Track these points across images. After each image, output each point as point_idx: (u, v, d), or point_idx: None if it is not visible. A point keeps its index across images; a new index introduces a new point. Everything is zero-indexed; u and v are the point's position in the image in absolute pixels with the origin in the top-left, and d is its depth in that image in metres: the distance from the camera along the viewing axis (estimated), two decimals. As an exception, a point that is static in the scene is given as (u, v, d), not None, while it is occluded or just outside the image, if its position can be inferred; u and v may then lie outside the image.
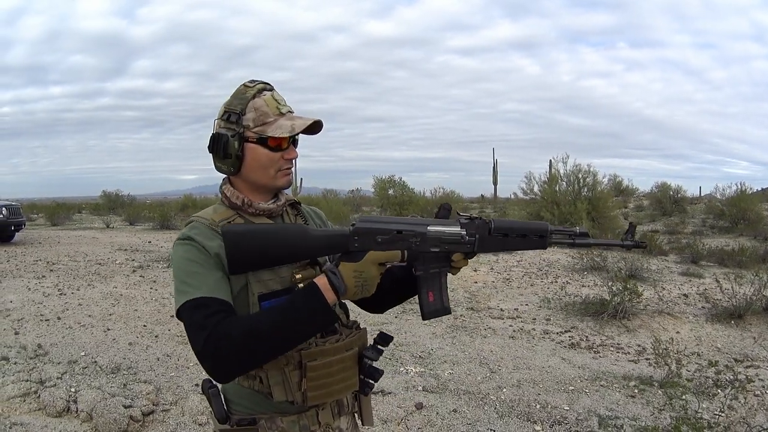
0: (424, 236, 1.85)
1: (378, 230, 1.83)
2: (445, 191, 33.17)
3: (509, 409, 5.72)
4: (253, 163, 1.91)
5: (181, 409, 5.48)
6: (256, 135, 1.88)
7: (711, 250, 15.44)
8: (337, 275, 1.75)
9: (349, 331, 2.04)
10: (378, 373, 2.04)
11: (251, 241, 1.79)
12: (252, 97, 1.89)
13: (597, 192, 20.02)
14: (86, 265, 12.31)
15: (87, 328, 7.80)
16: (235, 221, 1.92)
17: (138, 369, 6.37)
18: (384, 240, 1.82)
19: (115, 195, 38.58)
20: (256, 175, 1.93)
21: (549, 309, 9.80)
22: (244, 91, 1.91)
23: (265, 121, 1.88)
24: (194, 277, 1.77)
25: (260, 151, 1.89)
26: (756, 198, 27.33)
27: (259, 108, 1.88)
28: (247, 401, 1.92)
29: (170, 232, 20.41)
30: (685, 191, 34.00)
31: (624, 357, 7.53)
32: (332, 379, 1.90)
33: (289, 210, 2.12)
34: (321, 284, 1.74)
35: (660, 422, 5.14)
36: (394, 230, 1.83)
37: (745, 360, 7.17)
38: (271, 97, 1.91)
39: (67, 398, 5.42)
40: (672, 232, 23.52)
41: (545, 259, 14.45)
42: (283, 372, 1.84)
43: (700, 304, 9.83)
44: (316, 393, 1.86)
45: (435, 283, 1.94)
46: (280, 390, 1.85)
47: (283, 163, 1.93)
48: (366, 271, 1.77)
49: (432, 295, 1.94)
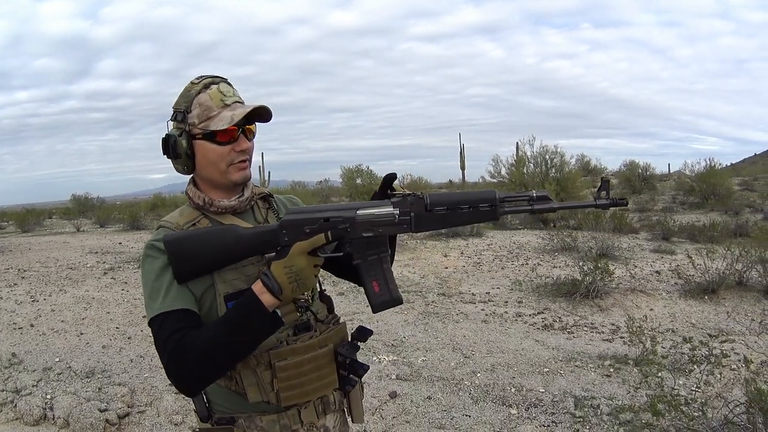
0: (353, 221, 1.77)
1: (305, 220, 1.77)
2: (413, 178, 33.12)
3: (484, 394, 5.69)
4: (203, 160, 1.89)
5: (156, 410, 5.45)
6: (202, 131, 1.85)
7: (682, 226, 15.53)
8: (269, 276, 1.70)
9: (326, 327, 1.99)
10: (362, 369, 1.97)
11: (189, 247, 1.78)
12: (197, 94, 1.86)
13: (565, 172, 20.08)
14: (57, 271, 12.12)
15: (60, 333, 7.68)
16: (200, 222, 1.91)
17: (112, 372, 6.29)
18: (312, 230, 1.75)
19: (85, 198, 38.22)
20: (209, 172, 1.91)
21: (521, 291, 9.73)
22: (190, 88, 1.89)
23: (209, 116, 1.84)
24: (155, 292, 1.77)
25: (208, 146, 1.87)
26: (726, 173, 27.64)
27: (203, 103, 1.85)
28: (225, 401, 1.90)
29: (140, 232, 20.22)
30: (653, 169, 34.31)
31: (598, 336, 7.51)
32: (306, 378, 1.86)
33: (260, 203, 2.09)
34: (257, 289, 1.71)
35: (636, 401, 5.13)
36: (321, 218, 1.77)
37: (720, 335, 7.17)
38: (216, 91, 1.87)
39: (43, 406, 5.39)
40: (642, 209, 23.70)
41: (515, 241, 14.44)
42: (255, 373, 1.82)
43: (673, 281, 9.84)
44: (289, 393, 1.84)
45: (378, 271, 1.83)
46: (254, 390, 1.83)
47: (235, 155, 1.89)
48: (295, 264, 1.70)
49: (377, 285, 1.83)
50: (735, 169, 41.05)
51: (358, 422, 2.14)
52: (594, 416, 5.11)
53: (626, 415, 4.89)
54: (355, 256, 1.81)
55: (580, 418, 5.09)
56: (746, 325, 7.59)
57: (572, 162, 21.20)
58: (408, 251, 13.12)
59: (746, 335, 7.11)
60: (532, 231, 16.73)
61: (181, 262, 1.76)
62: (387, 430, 5.05)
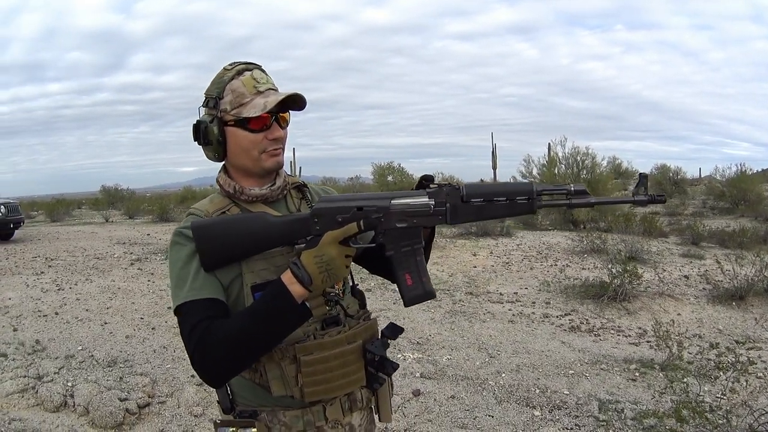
0: (387, 210, 1.73)
1: (337, 209, 1.73)
2: (445, 176, 32.99)
3: (508, 395, 5.69)
4: (235, 147, 1.86)
5: (176, 401, 5.48)
6: (234, 117, 1.82)
7: (711, 231, 15.36)
8: (299, 266, 1.66)
9: (355, 322, 1.93)
10: (391, 367, 1.92)
11: (217, 234, 1.75)
12: (230, 80, 1.83)
13: (596, 174, 19.94)
14: (84, 260, 12.27)
15: (84, 322, 7.76)
16: (230, 210, 1.88)
17: (134, 362, 6.34)
18: (344, 219, 1.71)
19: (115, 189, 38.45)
20: (241, 159, 1.88)
21: (548, 292, 9.74)
22: (223, 74, 1.85)
23: (242, 102, 1.81)
24: (182, 281, 1.74)
25: (240, 133, 1.83)
26: (756, 178, 27.15)
27: (236, 90, 1.82)
28: (249, 394, 1.87)
29: (169, 224, 20.38)
30: (684, 173, 33.83)
31: (625, 340, 7.50)
32: (332, 374, 1.80)
33: (293, 193, 2.04)
34: (286, 279, 1.67)
35: (661, 406, 5.11)
36: (354, 207, 1.73)
37: (747, 341, 7.10)
38: (249, 77, 1.83)
39: (64, 393, 5.42)
40: (672, 213, 23.45)
41: (545, 242, 14.38)
42: (281, 366, 1.78)
43: (701, 286, 9.77)
44: (313, 389, 1.78)
45: (410, 264, 1.78)
46: (278, 384, 1.78)
47: (267, 143, 1.85)
48: (326, 253, 1.65)
49: (410, 278, 1.77)
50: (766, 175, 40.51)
51: (385, 421, 2.08)
52: (618, 420, 5.10)
53: (650, 420, 4.88)
54: (388, 247, 1.76)
55: (604, 422, 5.08)
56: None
57: (603, 164, 21.04)
58: (437, 249, 13.10)
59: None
60: (562, 232, 16.65)
61: (207, 250, 1.74)
62: (409, 429, 5.05)
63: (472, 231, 15.50)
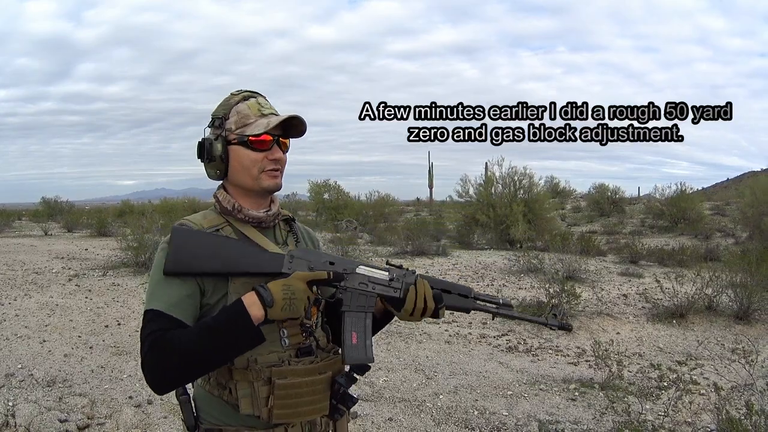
0: (353, 271, 1.93)
1: (311, 258, 1.91)
2: (381, 195, 33.16)
3: (446, 416, 5.54)
4: (236, 164, 1.96)
5: (115, 423, 5.28)
6: (237, 136, 1.93)
7: (650, 249, 15.56)
8: (265, 288, 1.76)
9: (326, 354, 2.02)
10: (351, 401, 2.01)
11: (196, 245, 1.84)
12: (236, 103, 1.96)
13: (533, 194, 20.02)
14: (24, 274, 12.06)
15: (23, 339, 7.58)
16: (223, 229, 1.96)
17: (73, 381, 6.16)
18: (316, 266, 1.89)
19: (54, 201, 37.94)
20: (241, 177, 1.97)
21: (486, 313, 9.58)
22: (230, 99, 1.99)
23: (246, 123, 1.93)
24: (160, 288, 1.81)
25: (242, 152, 1.94)
26: (696, 197, 27.77)
27: (241, 111, 1.94)
28: (215, 411, 1.92)
29: (107, 239, 20.00)
30: (623, 192, 34.45)
31: (563, 360, 7.39)
32: (300, 400, 1.88)
33: (282, 225, 2.14)
34: (247, 301, 1.75)
35: (602, 426, 5.01)
36: (327, 260, 1.92)
37: (689, 360, 7.06)
38: (255, 102, 1.98)
39: (5, 413, 5.28)
40: (610, 232, 23.80)
41: (481, 261, 14.39)
42: (252, 386, 1.84)
43: (641, 304, 9.80)
44: (282, 411, 1.84)
45: (359, 325, 1.95)
46: (247, 403, 1.83)
47: (267, 163, 1.95)
48: (293, 285, 1.78)
49: (356, 337, 1.94)
50: (706, 194, 41.43)
51: None
52: (558, 441, 4.95)
53: (592, 441, 4.74)
54: (345, 303, 1.93)
55: (545, 443, 4.93)
56: (716, 351, 7.50)
57: (541, 183, 21.18)
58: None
59: (716, 360, 7.01)
60: (498, 251, 16.67)
61: (176, 254, 1.81)
62: None
63: (407, 251, 15.42)
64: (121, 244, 13.21)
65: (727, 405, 3.89)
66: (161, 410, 5.38)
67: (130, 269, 12.30)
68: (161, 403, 5.46)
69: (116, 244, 13.85)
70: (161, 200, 35.62)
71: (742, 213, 21.89)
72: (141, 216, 19.26)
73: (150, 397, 5.67)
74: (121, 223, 23.64)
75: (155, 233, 13.46)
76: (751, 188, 21.41)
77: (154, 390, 1.77)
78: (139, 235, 13.01)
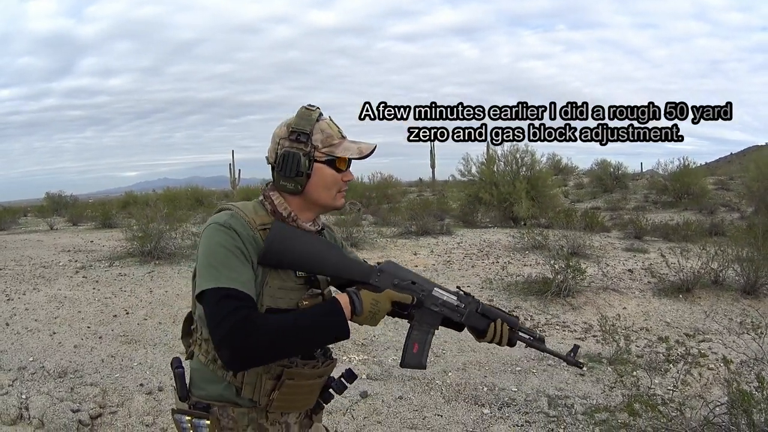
0: (429, 293, 2.10)
1: (397, 275, 2.06)
2: (383, 176, 33.07)
3: (456, 393, 5.58)
4: (318, 182, 2.03)
5: (127, 411, 5.33)
6: (325, 155, 2.01)
7: (655, 225, 15.50)
8: (359, 297, 1.94)
9: (325, 359, 2.16)
10: (330, 397, 2.24)
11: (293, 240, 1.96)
12: (317, 120, 2.02)
13: (536, 171, 19.93)
14: (32, 269, 12.02)
15: (34, 332, 7.57)
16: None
17: (84, 372, 6.18)
18: (399, 284, 2.05)
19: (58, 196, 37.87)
20: (319, 194, 2.05)
21: (491, 290, 9.58)
22: (309, 113, 2.03)
23: (332, 143, 2.02)
24: (230, 268, 1.85)
25: (327, 171, 2.03)
26: (700, 172, 27.54)
27: (324, 130, 2.02)
28: (210, 387, 2.01)
29: (112, 230, 19.95)
30: (626, 168, 34.12)
31: (571, 335, 7.40)
32: (298, 398, 2.06)
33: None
34: (342, 302, 1.92)
35: (611, 400, 5.03)
36: (410, 280, 2.07)
37: (697, 334, 7.06)
38: (331, 121, 2.06)
39: (19, 405, 5.35)
40: (614, 208, 23.71)
41: (485, 239, 14.35)
42: (260, 377, 1.96)
43: (646, 279, 9.79)
44: (280, 404, 2.00)
45: (423, 338, 2.13)
46: (249, 389, 1.96)
47: (342, 184, 2.08)
48: (381, 302, 1.97)
49: (417, 347, 2.13)
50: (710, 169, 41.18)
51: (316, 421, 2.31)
52: (568, 415, 5.00)
53: (601, 415, 4.78)
54: (416, 318, 2.11)
55: (554, 417, 4.98)
56: (724, 324, 7.50)
57: (543, 161, 21.05)
58: (378, 249, 13.00)
59: (723, 334, 7.02)
60: (502, 229, 16.63)
61: (278, 246, 1.93)
62: (359, 431, 4.94)
63: (412, 230, 15.38)
64: (126, 234, 13.19)
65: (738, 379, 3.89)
66: (173, 397, 5.42)
67: (136, 259, 12.28)
68: (172, 390, 5.50)
69: (121, 235, 13.81)
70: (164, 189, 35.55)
71: (747, 187, 21.71)
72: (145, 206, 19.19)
73: (161, 384, 5.71)
74: (126, 214, 23.60)
75: (160, 222, 13.39)
76: (756, 162, 21.22)
77: (232, 366, 1.84)
78: (144, 224, 12.98)
